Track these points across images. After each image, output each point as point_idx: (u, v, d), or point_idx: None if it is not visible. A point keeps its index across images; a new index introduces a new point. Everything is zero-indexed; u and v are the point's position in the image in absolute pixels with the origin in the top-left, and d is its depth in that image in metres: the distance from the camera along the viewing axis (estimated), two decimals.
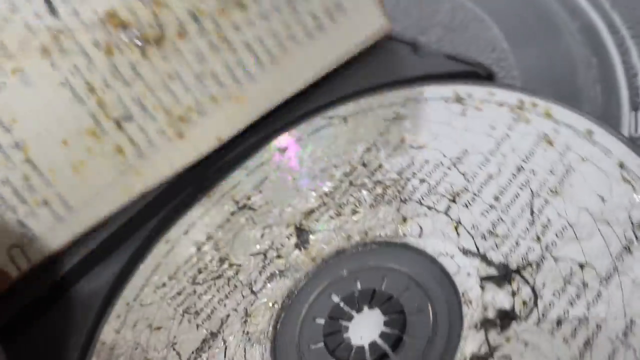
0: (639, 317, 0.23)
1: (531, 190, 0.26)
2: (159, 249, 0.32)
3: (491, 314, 0.24)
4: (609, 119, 0.32)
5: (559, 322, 0.23)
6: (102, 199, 0.33)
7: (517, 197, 0.26)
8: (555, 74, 0.35)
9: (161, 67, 0.32)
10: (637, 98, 0.32)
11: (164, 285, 0.30)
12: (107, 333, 0.30)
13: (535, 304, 0.24)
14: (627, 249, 0.24)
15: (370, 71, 0.34)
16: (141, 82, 0.32)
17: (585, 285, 0.24)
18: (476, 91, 0.30)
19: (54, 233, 0.32)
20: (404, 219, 0.27)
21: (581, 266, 0.24)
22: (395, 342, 0.25)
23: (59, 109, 0.31)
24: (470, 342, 0.24)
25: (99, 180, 0.32)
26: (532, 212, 0.26)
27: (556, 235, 0.25)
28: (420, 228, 0.27)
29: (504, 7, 0.37)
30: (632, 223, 0.25)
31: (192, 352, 0.27)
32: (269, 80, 0.33)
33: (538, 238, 0.25)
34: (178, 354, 0.28)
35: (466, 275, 0.25)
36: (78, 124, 0.32)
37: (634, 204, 0.25)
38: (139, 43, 0.31)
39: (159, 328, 0.29)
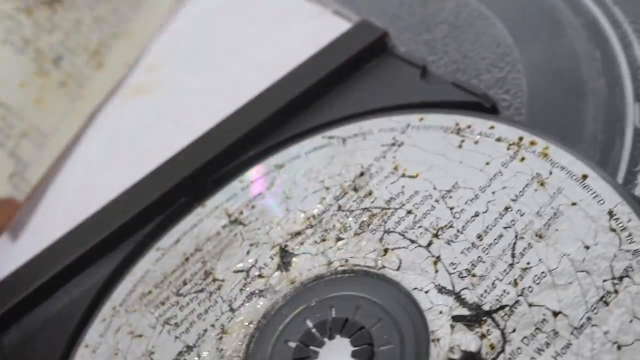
0: None
1: (516, 232, 0.26)
2: (150, 256, 0.32)
3: (457, 356, 0.23)
4: (613, 111, 0.32)
5: None
6: (66, 123, 0.42)
7: (500, 237, 0.26)
8: (559, 68, 0.34)
9: (67, 16, 0.44)
10: None
11: (149, 292, 0.30)
12: (91, 336, 0.30)
13: (503, 349, 0.23)
14: (604, 300, 0.23)
15: (375, 91, 0.33)
16: (59, 30, 0.43)
17: (556, 333, 0.23)
18: (477, 124, 0.30)
19: (40, 157, 0.40)
20: (385, 251, 0.27)
21: (555, 314, 0.24)
22: None
23: (9, 60, 0.42)
24: None
25: (58, 109, 0.42)
26: (513, 255, 0.25)
27: (534, 280, 0.25)
28: (400, 261, 0.27)
29: (508, 4, 0.38)
30: (612, 274, 0.24)
31: None
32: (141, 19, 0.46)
33: (515, 282, 0.25)
34: None
35: (438, 313, 0.25)
36: (26, 69, 0.42)
37: (617, 254, 0.24)
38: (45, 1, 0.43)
39: (140, 336, 0.29)
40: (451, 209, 0.27)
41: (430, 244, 0.27)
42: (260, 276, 0.29)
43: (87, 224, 0.34)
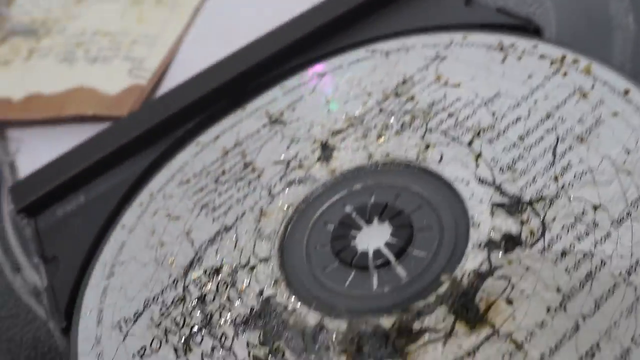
0: None
1: (557, 135, 0.26)
2: (189, 150, 0.32)
3: (497, 237, 0.23)
4: None
5: (563, 254, 0.23)
6: (170, 26, 0.45)
7: (542, 139, 0.26)
8: (588, 4, 0.34)
9: None
10: None
11: (188, 181, 0.30)
12: (129, 217, 0.30)
13: (543, 234, 0.23)
14: None
15: (419, 15, 0.33)
16: None
17: (595, 224, 0.23)
18: (521, 42, 0.30)
19: (152, 53, 0.43)
20: (427, 146, 0.27)
21: (595, 207, 0.24)
22: (399, 252, 0.24)
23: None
24: (472, 259, 0.23)
25: (159, 20, 0.45)
26: (554, 154, 0.25)
27: (574, 176, 0.24)
28: (441, 155, 0.27)
29: None
30: None
31: (205, 242, 0.27)
32: None
33: (556, 178, 0.25)
34: (191, 241, 0.28)
35: (479, 201, 0.25)
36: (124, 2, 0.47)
37: None
38: None
39: (177, 218, 0.29)
40: (493, 113, 0.27)
41: (471, 142, 0.27)
42: (300, 166, 0.28)
43: (130, 118, 0.34)
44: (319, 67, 0.33)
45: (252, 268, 0.26)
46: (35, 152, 0.38)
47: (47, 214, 0.32)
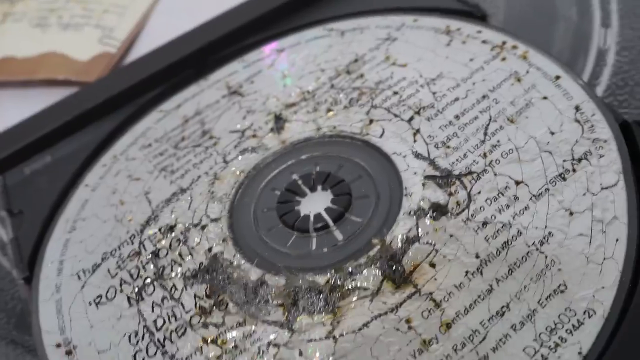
0: (558, 230, 0.24)
1: (490, 116, 0.28)
2: (152, 116, 0.33)
3: (426, 206, 0.25)
4: (581, 34, 0.34)
5: (484, 224, 0.25)
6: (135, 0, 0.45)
7: (475, 119, 0.28)
8: None
9: None
10: (607, 19, 0.33)
11: (149, 145, 0.32)
12: (92, 177, 0.32)
13: (468, 206, 0.25)
14: (562, 176, 0.25)
15: None
16: None
17: (516, 198, 0.25)
18: (466, 27, 0.32)
19: (122, 23, 0.43)
20: (371, 121, 0.29)
21: (517, 183, 0.26)
22: (337, 217, 0.26)
23: None
24: (402, 225, 0.25)
25: None
26: (485, 133, 0.27)
27: (502, 154, 0.26)
28: (383, 130, 0.28)
29: None
30: (572, 156, 0.26)
31: (162, 202, 0.29)
32: None
33: (485, 155, 0.27)
34: (149, 201, 0.29)
35: (413, 173, 0.27)
36: None
37: (578, 140, 0.26)
38: None
39: (137, 179, 0.31)
40: (434, 93, 0.29)
41: (411, 119, 0.28)
42: (254, 136, 0.30)
43: (98, 84, 0.35)
44: (277, 44, 0.34)
45: (203, 227, 0.28)
46: (6, 114, 0.39)
47: (15, 171, 0.33)
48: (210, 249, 0.27)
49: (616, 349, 0.22)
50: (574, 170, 0.25)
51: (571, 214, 0.24)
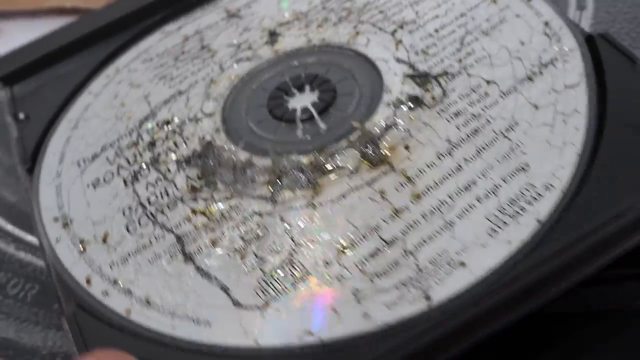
0: (523, 121, 0.26)
1: (466, 29, 0.30)
2: (155, 37, 0.35)
3: (403, 98, 0.27)
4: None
5: (457, 114, 0.27)
6: None
7: (453, 32, 0.30)
8: None
9: None
10: (583, 2, 0.36)
11: (151, 59, 0.34)
12: (95, 86, 0.34)
13: (442, 100, 0.27)
14: (530, 78, 0.27)
15: None
16: None
17: (487, 94, 0.27)
18: None
19: None
20: (357, 33, 0.31)
21: (488, 82, 0.28)
22: (322, 110, 0.28)
23: None
24: (381, 113, 0.27)
25: None
26: (461, 43, 0.29)
27: (475, 60, 0.29)
28: (368, 40, 0.30)
29: None
30: (540, 62, 0.28)
31: (160, 102, 0.31)
32: None
33: (460, 60, 0.29)
34: (148, 102, 0.31)
35: (394, 74, 0.29)
36: None
37: (546, 49, 0.28)
38: None
39: (138, 85, 0.33)
40: (417, 12, 0.31)
41: (395, 32, 0.31)
42: (249, 48, 0.32)
43: (105, 9, 0.37)
44: None
45: (198, 120, 0.29)
46: (14, 42, 0.41)
47: (24, 83, 0.35)
48: (203, 138, 0.29)
49: (570, 217, 0.24)
50: (540, 73, 0.28)
51: (536, 107, 0.26)
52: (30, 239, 0.32)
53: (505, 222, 0.24)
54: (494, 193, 0.24)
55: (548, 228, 0.23)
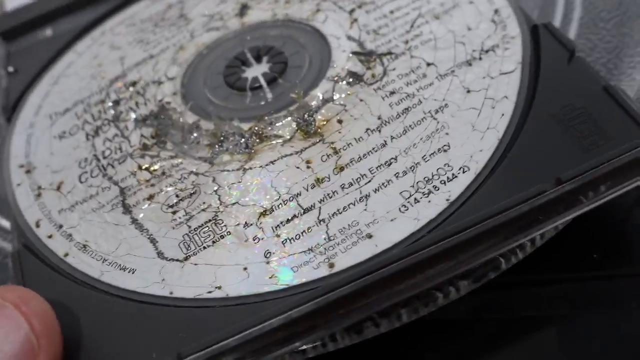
0: (453, 103, 0.27)
1: (420, 12, 0.31)
2: (142, 3, 0.37)
3: (344, 74, 0.29)
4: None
5: (392, 93, 0.28)
6: None
7: (407, 14, 0.31)
8: None
9: None
10: (567, 26, 0.36)
11: (134, 24, 0.36)
12: (80, 46, 0.36)
13: (381, 78, 0.28)
14: (469, 63, 0.28)
15: None
16: None
17: (424, 76, 0.28)
18: None
19: None
20: (318, 10, 0.32)
21: (428, 64, 0.29)
22: (271, 80, 0.30)
23: None
24: (321, 87, 0.28)
25: None
26: (412, 25, 0.30)
27: (421, 42, 0.29)
28: (326, 17, 0.32)
29: None
30: (481, 48, 0.29)
31: (132, 64, 0.33)
32: None
33: (407, 41, 0.30)
34: (123, 64, 0.33)
35: (342, 51, 0.30)
36: None
37: (490, 36, 0.29)
38: None
39: (118, 48, 0.34)
40: None
41: (352, 11, 0.32)
42: (220, 19, 0.34)
43: None
44: None
45: (160, 83, 0.31)
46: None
47: (21, 40, 0.38)
48: (161, 100, 0.30)
49: (477, 200, 0.25)
50: (480, 59, 0.28)
51: (468, 91, 0.27)
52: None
53: (416, 200, 0.25)
54: (412, 170, 0.25)
55: (455, 208, 0.24)
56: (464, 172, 0.25)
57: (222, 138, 0.28)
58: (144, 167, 0.28)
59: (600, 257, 0.27)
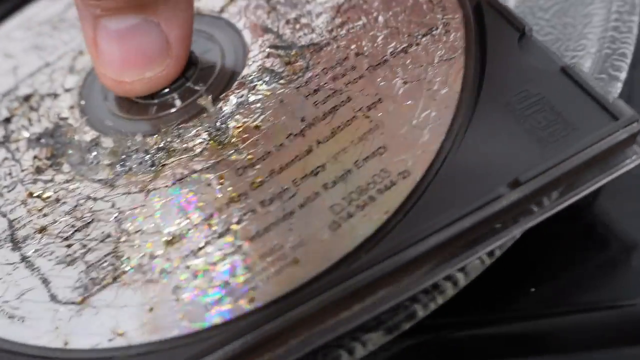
0: (388, 97, 0.23)
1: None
2: (39, 4, 0.33)
3: (261, 73, 0.24)
4: None
5: (316, 90, 0.24)
6: None
7: (327, 1, 0.27)
8: None
9: None
10: None
11: (30, 28, 0.31)
12: None
13: (303, 74, 0.24)
14: (404, 50, 0.24)
15: None
16: None
17: (353, 68, 0.24)
18: None
19: None
20: (231, 1, 0.28)
21: (357, 54, 0.24)
22: (179, 85, 0.25)
23: None
24: (236, 90, 0.24)
25: None
26: (337, 11, 0.26)
27: (348, 30, 0.25)
28: (240, 7, 0.27)
29: None
30: (418, 32, 0.25)
31: (27, 75, 0.29)
32: None
33: (331, 30, 0.25)
34: (16, 75, 0.29)
35: (259, 46, 0.26)
36: None
37: (428, 18, 0.25)
38: None
39: (12, 56, 0.30)
40: None
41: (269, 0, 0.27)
42: None
43: None
44: None
45: (56, 96, 0.27)
46: None
47: None
48: (57, 115, 0.26)
49: (419, 208, 0.21)
50: (417, 45, 0.24)
51: (405, 83, 0.23)
52: None
53: (349, 214, 0.21)
54: (343, 179, 0.21)
55: (396, 222, 0.20)
56: (403, 178, 0.21)
57: (123, 156, 0.24)
58: (35, 195, 0.24)
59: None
